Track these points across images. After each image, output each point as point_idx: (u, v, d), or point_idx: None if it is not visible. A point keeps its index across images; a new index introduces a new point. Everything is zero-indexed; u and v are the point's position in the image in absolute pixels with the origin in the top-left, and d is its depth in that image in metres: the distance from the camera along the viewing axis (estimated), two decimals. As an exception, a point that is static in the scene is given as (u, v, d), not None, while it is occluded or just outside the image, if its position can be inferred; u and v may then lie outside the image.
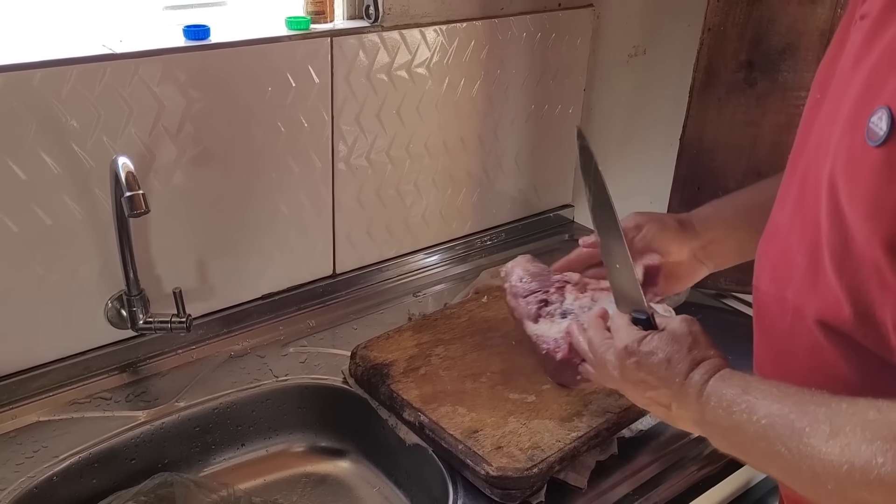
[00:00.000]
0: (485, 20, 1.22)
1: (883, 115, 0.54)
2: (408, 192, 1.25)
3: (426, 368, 0.98)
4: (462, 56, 1.21)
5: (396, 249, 1.29)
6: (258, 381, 1.03)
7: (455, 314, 1.10)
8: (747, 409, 0.61)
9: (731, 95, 1.15)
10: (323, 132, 1.11)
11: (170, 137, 0.98)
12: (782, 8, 1.08)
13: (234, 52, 0.98)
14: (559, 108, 1.40)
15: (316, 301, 1.20)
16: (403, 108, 1.18)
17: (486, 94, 1.27)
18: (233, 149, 1.03)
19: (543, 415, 0.90)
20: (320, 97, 1.08)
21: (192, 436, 0.98)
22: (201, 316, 1.09)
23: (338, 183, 1.16)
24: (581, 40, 1.37)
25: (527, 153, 1.39)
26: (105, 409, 0.97)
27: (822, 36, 1.07)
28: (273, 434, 1.04)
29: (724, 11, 1.11)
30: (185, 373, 1.04)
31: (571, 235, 1.48)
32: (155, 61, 0.93)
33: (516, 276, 0.96)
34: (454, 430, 0.87)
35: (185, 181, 1.01)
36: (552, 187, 1.48)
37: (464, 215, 1.36)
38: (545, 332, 0.90)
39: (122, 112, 0.93)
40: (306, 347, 1.10)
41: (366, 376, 0.98)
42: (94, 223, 0.95)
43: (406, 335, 1.05)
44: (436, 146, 1.25)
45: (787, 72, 1.11)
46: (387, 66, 1.13)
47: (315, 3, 1.05)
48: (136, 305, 0.97)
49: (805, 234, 0.65)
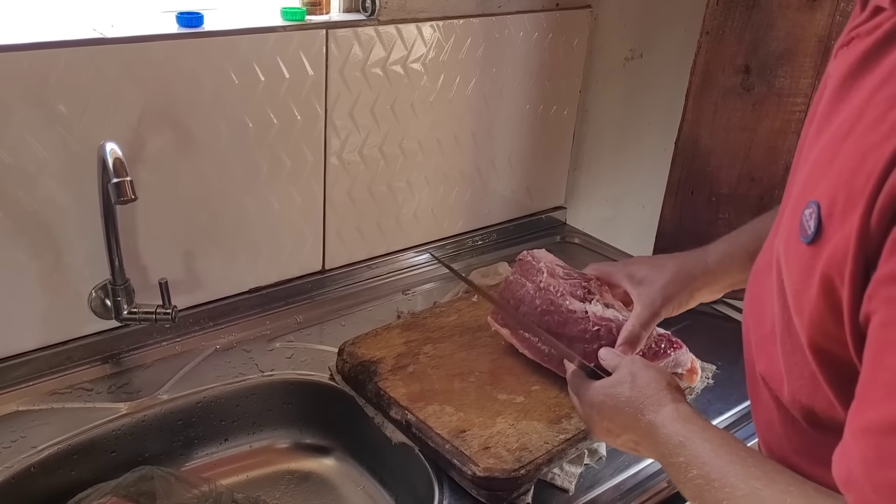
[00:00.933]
0: (482, 17, 1.21)
1: (813, 213, 0.51)
2: (400, 189, 1.24)
3: (414, 367, 0.97)
4: (458, 53, 1.20)
5: (387, 246, 1.27)
6: (243, 375, 1.01)
7: (444, 312, 1.09)
8: (685, 462, 0.63)
9: (727, 100, 1.15)
10: (316, 125, 1.10)
11: (159, 125, 0.96)
12: (781, 13, 1.08)
13: (228, 40, 0.97)
14: (554, 108, 1.39)
15: (304, 296, 1.19)
16: (398, 104, 1.17)
17: (482, 92, 1.26)
18: (224, 139, 1.02)
19: (532, 416, 0.89)
20: (314, 90, 1.07)
21: (175, 429, 0.97)
22: (187, 308, 1.07)
23: (329, 178, 1.15)
24: (578, 41, 1.36)
25: (521, 153, 1.38)
26: (86, 399, 0.95)
27: (819, 42, 1.07)
28: (257, 429, 1.02)
29: (723, 15, 1.10)
30: (168, 365, 1.02)
31: (563, 237, 1.47)
32: (146, 47, 0.91)
33: (550, 259, 0.98)
34: (441, 429, 0.86)
35: (175, 171, 0.99)
36: (545, 189, 1.47)
37: (455, 214, 1.35)
38: (598, 311, 0.91)
39: (112, 98, 0.91)
40: (293, 343, 1.09)
41: (353, 373, 0.97)
42: (80, 210, 0.93)
43: (394, 333, 1.04)
44: (429, 143, 1.24)
45: (784, 77, 1.10)
46: (382, 61, 1.12)
47: (311, -5, 1.04)
48: (120, 295, 0.95)
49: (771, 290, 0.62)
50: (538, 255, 1.01)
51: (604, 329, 0.89)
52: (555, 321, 0.92)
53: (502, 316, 0.99)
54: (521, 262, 1.01)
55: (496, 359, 0.99)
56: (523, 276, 0.98)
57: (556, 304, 0.93)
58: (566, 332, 0.91)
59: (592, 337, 0.90)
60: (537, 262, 0.98)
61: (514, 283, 0.99)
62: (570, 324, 0.91)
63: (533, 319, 0.94)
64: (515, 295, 0.97)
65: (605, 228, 1.57)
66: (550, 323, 0.93)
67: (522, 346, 0.96)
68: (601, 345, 0.88)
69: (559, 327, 0.92)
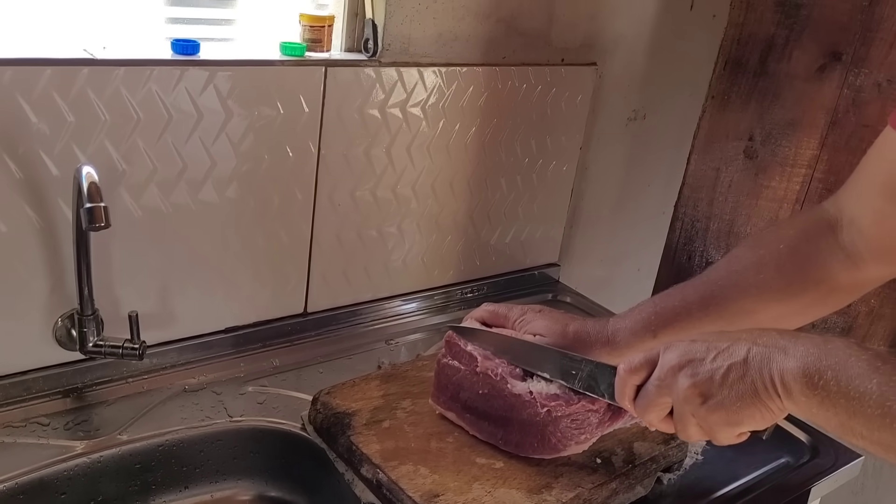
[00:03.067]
0: (485, 67, 1.19)
1: None
2: (390, 235, 1.21)
3: (390, 422, 0.92)
4: (459, 101, 1.18)
5: (373, 293, 1.23)
6: (210, 419, 0.96)
7: (427, 366, 1.04)
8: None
9: (729, 166, 1.13)
10: (307, 164, 1.07)
11: (145, 152, 0.93)
12: (788, 83, 1.06)
13: (221, 70, 0.94)
14: (553, 164, 1.37)
15: (283, 339, 1.14)
16: (394, 148, 1.14)
17: (480, 141, 1.24)
18: (211, 172, 0.99)
19: (510, 483, 0.84)
20: (308, 127, 1.04)
21: (132, 473, 0.91)
22: (158, 344, 1.02)
23: (318, 218, 1.11)
24: (581, 98, 1.35)
25: (516, 207, 1.35)
26: (40, 435, 0.90)
27: (826, 114, 1.05)
28: (221, 478, 0.97)
29: (730, 80, 1.09)
30: (132, 404, 0.97)
31: (555, 295, 1.43)
32: (136, 72, 0.89)
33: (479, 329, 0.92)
34: (413, 491, 0.81)
35: (157, 200, 0.96)
36: (539, 244, 1.44)
37: (446, 264, 1.31)
38: (542, 389, 0.85)
39: (97, 120, 0.88)
40: (267, 388, 1.04)
41: (325, 424, 0.92)
42: (52, 235, 0.90)
43: (373, 384, 0.99)
44: (424, 190, 1.21)
45: (789, 147, 1.08)
46: (381, 103, 1.10)
47: (312, 31, 1.02)
48: (87, 326, 0.91)
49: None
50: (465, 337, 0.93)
51: (553, 408, 0.84)
52: (501, 406, 0.87)
53: (443, 399, 0.93)
54: (449, 345, 0.93)
55: (477, 419, 0.94)
56: (455, 360, 0.91)
57: (499, 390, 0.87)
58: (515, 417, 0.86)
59: (544, 420, 0.84)
60: (465, 346, 0.91)
61: (448, 368, 0.92)
62: (518, 408, 0.86)
63: (478, 405, 0.89)
64: (452, 380, 0.91)
65: (599, 289, 1.53)
66: (497, 408, 0.87)
67: (472, 429, 0.91)
68: (557, 428, 0.83)
69: (507, 412, 0.87)
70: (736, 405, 0.62)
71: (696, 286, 0.84)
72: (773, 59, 1.06)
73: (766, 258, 0.82)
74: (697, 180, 1.15)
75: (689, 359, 0.65)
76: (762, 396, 0.61)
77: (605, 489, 0.86)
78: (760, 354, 0.61)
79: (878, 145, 0.78)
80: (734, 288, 0.82)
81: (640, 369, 0.70)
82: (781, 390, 0.60)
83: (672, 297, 0.84)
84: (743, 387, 0.61)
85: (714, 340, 0.65)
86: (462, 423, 0.91)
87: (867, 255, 0.79)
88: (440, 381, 0.93)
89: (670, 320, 0.82)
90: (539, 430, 0.85)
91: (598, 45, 1.36)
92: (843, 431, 0.58)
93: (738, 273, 0.82)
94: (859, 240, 0.79)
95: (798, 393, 0.59)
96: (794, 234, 0.83)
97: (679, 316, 0.82)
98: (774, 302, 0.81)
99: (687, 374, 0.65)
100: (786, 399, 0.60)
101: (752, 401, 0.61)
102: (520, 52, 1.25)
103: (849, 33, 1.01)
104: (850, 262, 0.80)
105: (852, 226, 0.80)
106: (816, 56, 1.03)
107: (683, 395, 0.65)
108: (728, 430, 0.65)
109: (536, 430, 0.85)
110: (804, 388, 0.58)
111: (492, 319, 0.91)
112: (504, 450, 0.88)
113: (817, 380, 0.58)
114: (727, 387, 0.62)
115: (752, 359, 0.61)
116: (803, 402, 0.59)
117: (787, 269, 0.81)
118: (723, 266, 0.84)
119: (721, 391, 0.63)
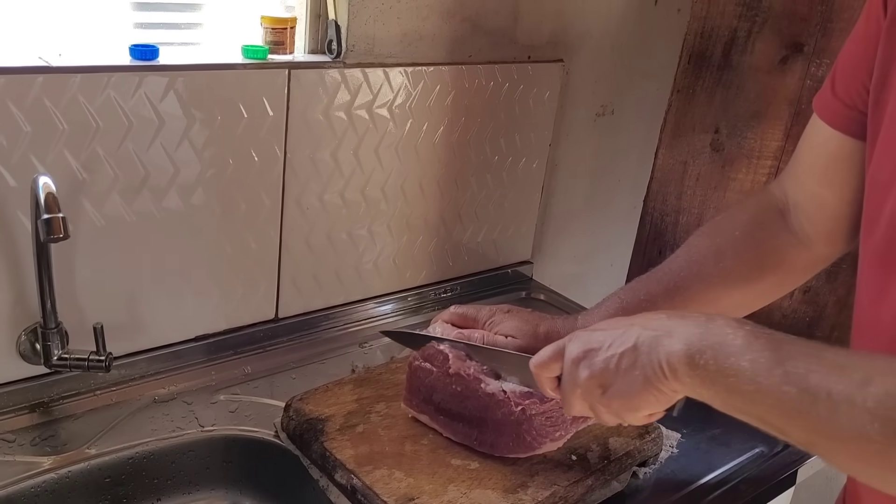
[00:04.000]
0: (452, 65, 1.19)
1: None
2: (361, 238, 1.20)
3: (364, 426, 0.91)
4: (426, 100, 1.18)
5: (345, 296, 1.22)
6: (181, 429, 0.95)
7: (401, 368, 1.04)
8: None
9: (696, 159, 1.13)
10: (274, 168, 1.05)
11: (105, 160, 0.91)
12: (752, 75, 1.07)
13: (182, 75, 0.93)
14: (523, 161, 1.37)
15: (255, 346, 1.13)
16: (362, 150, 1.13)
17: (449, 141, 1.23)
18: (175, 178, 0.97)
19: (486, 484, 0.83)
20: (273, 131, 1.03)
21: (102, 487, 0.89)
22: (126, 355, 1.00)
23: (286, 223, 1.10)
24: (549, 95, 1.35)
25: (487, 205, 1.35)
26: (6, 451, 0.88)
27: (790, 105, 1.06)
28: (194, 489, 0.95)
29: (694, 74, 1.09)
30: (101, 417, 0.95)
31: (529, 293, 1.43)
32: (93, 78, 0.87)
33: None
34: (388, 496, 0.80)
35: (120, 208, 0.94)
36: (512, 242, 1.43)
37: (418, 265, 1.30)
38: (516, 388, 0.85)
39: (55, 129, 0.86)
40: (239, 396, 1.02)
41: (298, 431, 0.91)
42: (12, 247, 0.88)
43: (346, 389, 0.98)
44: (393, 191, 1.20)
45: (754, 139, 1.09)
46: (346, 105, 1.09)
47: (274, 33, 1.01)
48: (51, 339, 0.89)
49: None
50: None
51: (527, 406, 0.84)
52: (474, 406, 0.87)
53: (416, 402, 0.92)
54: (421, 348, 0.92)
55: (452, 420, 0.93)
56: (427, 362, 0.90)
57: (472, 390, 0.87)
58: (490, 417, 0.86)
59: (518, 419, 0.84)
60: (437, 345, 0.90)
61: (420, 370, 0.91)
62: (492, 407, 0.85)
63: (451, 406, 0.88)
64: (424, 382, 0.90)
65: (572, 285, 1.53)
66: (471, 408, 0.87)
67: (446, 431, 0.90)
68: (531, 426, 0.83)
69: (481, 412, 0.86)
70: (631, 392, 0.63)
71: (659, 279, 0.84)
72: (736, 51, 1.06)
73: (723, 247, 0.83)
74: (665, 174, 1.15)
75: (586, 349, 0.67)
76: (653, 381, 0.62)
77: (581, 486, 0.86)
78: (649, 339, 0.62)
79: (808, 133, 0.80)
80: (696, 279, 0.83)
81: (549, 363, 0.71)
82: (669, 373, 0.60)
83: (637, 291, 0.85)
84: (635, 373, 0.63)
85: (611, 328, 0.67)
86: (436, 425, 0.91)
87: (814, 237, 0.81)
88: (412, 384, 0.92)
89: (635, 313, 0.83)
90: (514, 429, 0.85)
91: (564, 41, 1.36)
92: (727, 409, 0.59)
93: (699, 263, 0.83)
94: (806, 223, 0.81)
95: (683, 374, 0.60)
96: (748, 219, 0.84)
97: (643, 309, 0.82)
98: (736, 289, 0.83)
99: (585, 365, 0.66)
100: (674, 381, 0.61)
101: (646, 386, 0.62)
102: (486, 50, 1.24)
103: (809, 24, 1.01)
104: (800, 244, 0.82)
105: (797, 210, 0.82)
106: (778, 48, 1.04)
107: (585, 387, 0.67)
108: (633, 414, 0.67)
109: (511, 430, 0.85)
110: (688, 368, 0.59)
111: (461, 322, 0.91)
112: (479, 450, 0.88)
113: (698, 359, 0.58)
114: (621, 375, 0.64)
115: (641, 344, 0.63)
116: (688, 382, 0.60)
117: (744, 256, 0.82)
118: (682, 256, 0.85)
119: (616, 379, 0.64)
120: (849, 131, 0.73)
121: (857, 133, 0.71)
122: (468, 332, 0.89)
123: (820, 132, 0.77)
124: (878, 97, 0.67)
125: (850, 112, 0.73)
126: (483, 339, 0.87)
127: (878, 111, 0.67)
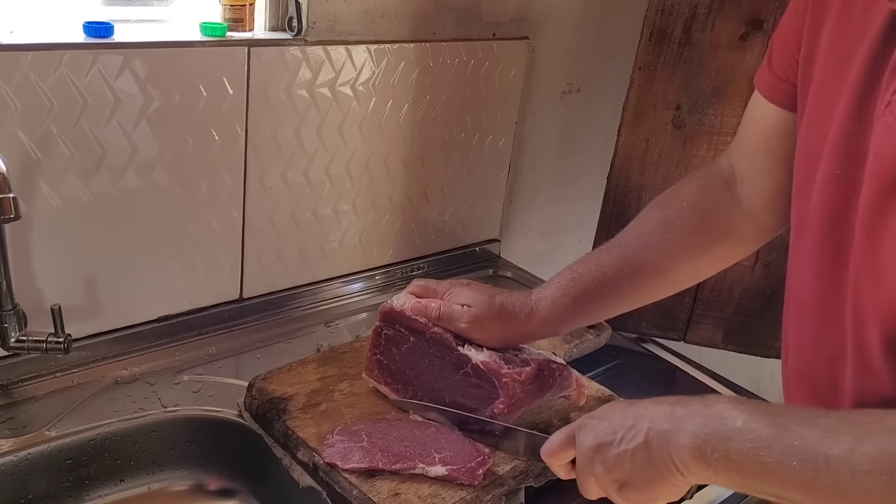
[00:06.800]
0: (415, 43, 1.18)
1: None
2: (325, 217, 1.19)
3: (327, 405, 0.91)
4: (390, 78, 1.17)
5: (311, 276, 1.22)
6: (144, 410, 0.94)
7: (365, 346, 1.04)
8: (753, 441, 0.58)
9: (658, 136, 1.14)
10: (235, 147, 1.04)
11: (60, 139, 0.90)
12: (712, 52, 1.07)
13: (137, 53, 0.91)
14: (490, 138, 1.37)
15: (219, 326, 1.12)
16: (325, 128, 1.13)
17: (413, 118, 1.23)
18: (133, 157, 0.96)
19: (448, 459, 0.84)
20: (234, 110, 1.02)
21: (64, 469, 0.89)
22: (87, 336, 1.00)
23: (249, 202, 1.09)
24: (515, 72, 1.34)
25: (454, 183, 1.35)
26: (-36, 435, 0.87)
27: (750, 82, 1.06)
28: (157, 469, 0.95)
29: (655, 51, 1.09)
30: (61, 399, 0.94)
31: (496, 271, 1.44)
32: (46, 56, 0.85)
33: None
34: (350, 473, 0.81)
35: (77, 188, 0.93)
36: (479, 220, 1.44)
37: (385, 244, 1.30)
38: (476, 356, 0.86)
39: (6, 108, 0.85)
40: (202, 376, 1.02)
41: (261, 410, 0.91)
42: (-34, 229, 0.86)
43: (310, 367, 0.98)
44: (358, 169, 1.20)
45: (715, 115, 1.10)
46: (308, 83, 1.08)
47: (233, 10, 0.99)
48: (7, 322, 0.88)
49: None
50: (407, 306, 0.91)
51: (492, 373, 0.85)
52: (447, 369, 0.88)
53: (378, 372, 0.93)
54: (392, 314, 0.91)
55: (415, 397, 0.94)
56: (405, 329, 0.91)
57: (448, 350, 0.88)
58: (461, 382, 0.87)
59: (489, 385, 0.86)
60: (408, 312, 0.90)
61: (393, 339, 0.91)
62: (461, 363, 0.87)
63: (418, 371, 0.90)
64: (392, 350, 0.91)
65: (541, 262, 1.54)
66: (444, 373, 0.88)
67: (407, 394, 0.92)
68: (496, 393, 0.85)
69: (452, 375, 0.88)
70: (647, 487, 0.65)
71: (609, 250, 0.86)
72: (696, 28, 1.07)
73: (671, 217, 0.85)
74: (628, 151, 1.16)
75: (598, 443, 0.67)
76: (667, 476, 0.63)
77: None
78: (658, 436, 0.64)
79: (750, 107, 0.82)
80: (645, 248, 0.84)
81: (560, 452, 0.72)
82: (683, 469, 0.62)
83: (588, 263, 0.86)
84: (650, 470, 0.64)
85: (618, 417, 0.68)
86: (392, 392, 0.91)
87: (760, 208, 0.83)
88: (375, 353, 0.92)
89: (587, 285, 0.85)
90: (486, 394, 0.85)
91: (529, 18, 1.35)
92: (748, 491, 0.62)
93: (647, 234, 0.85)
94: (752, 194, 0.83)
95: (695, 469, 0.61)
96: (695, 191, 0.86)
97: (595, 280, 0.84)
98: (684, 259, 0.85)
99: (600, 461, 0.67)
100: (687, 475, 0.62)
101: (660, 481, 0.64)
102: (450, 27, 1.24)
103: (769, 0, 1.02)
104: (747, 215, 0.84)
105: (743, 181, 0.84)
106: (738, 24, 1.05)
107: (601, 482, 0.68)
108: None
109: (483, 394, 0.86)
110: (698, 462, 0.61)
111: (422, 293, 0.92)
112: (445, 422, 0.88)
113: (705, 451, 0.60)
114: (636, 471, 0.65)
115: (652, 440, 0.64)
116: (702, 475, 0.62)
117: (692, 226, 0.84)
118: (632, 228, 0.87)
119: (632, 476, 0.65)
120: (784, 104, 0.75)
121: (792, 106, 0.73)
122: (426, 302, 0.89)
123: (760, 106, 0.78)
124: (805, 70, 0.68)
125: (784, 86, 0.74)
126: (440, 308, 0.88)
127: (805, 84, 0.68)
